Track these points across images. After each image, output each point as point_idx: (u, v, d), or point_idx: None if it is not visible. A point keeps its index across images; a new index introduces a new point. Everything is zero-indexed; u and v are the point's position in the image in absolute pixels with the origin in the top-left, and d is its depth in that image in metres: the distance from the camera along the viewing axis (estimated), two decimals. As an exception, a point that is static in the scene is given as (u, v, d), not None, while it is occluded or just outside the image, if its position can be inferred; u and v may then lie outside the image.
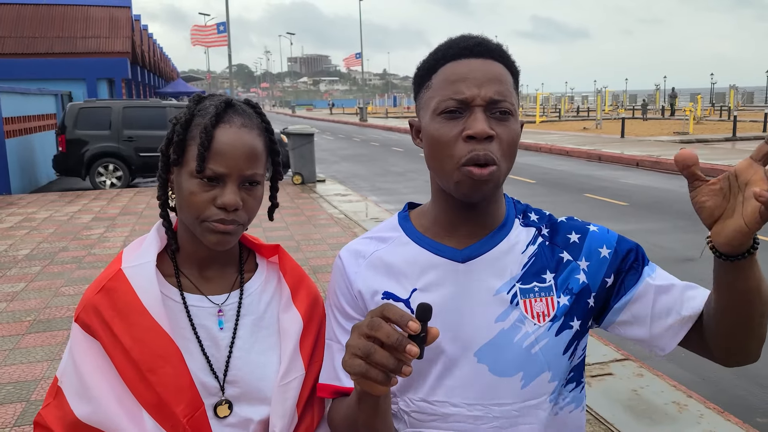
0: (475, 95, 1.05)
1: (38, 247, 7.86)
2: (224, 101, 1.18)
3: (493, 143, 1.05)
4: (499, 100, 1.06)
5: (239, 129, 1.15)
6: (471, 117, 1.05)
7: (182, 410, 1.11)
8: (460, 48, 1.10)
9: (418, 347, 0.85)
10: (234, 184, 1.14)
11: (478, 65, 1.07)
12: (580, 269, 1.15)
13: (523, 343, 1.11)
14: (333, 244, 7.81)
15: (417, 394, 1.13)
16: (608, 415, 3.57)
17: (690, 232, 8.56)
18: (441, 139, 1.07)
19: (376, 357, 0.86)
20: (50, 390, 1.20)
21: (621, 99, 58.55)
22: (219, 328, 1.20)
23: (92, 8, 23.86)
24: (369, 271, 1.17)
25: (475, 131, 1.03)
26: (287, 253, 1.32)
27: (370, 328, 0.87)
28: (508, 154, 1.08)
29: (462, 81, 1.06)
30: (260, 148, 1.18)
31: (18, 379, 4.15)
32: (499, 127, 1.06)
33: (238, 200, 1.13)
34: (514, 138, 1.08)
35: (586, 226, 1.19)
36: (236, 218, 1.14)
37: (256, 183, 1.17)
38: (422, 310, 0.87)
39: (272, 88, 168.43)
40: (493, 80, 1.06)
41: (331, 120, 53.27)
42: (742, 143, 21.04)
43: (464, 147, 1.04)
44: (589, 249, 1.16)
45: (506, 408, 1.11)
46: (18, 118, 13.44)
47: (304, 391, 1.21)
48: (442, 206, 1.16)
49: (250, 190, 1.16)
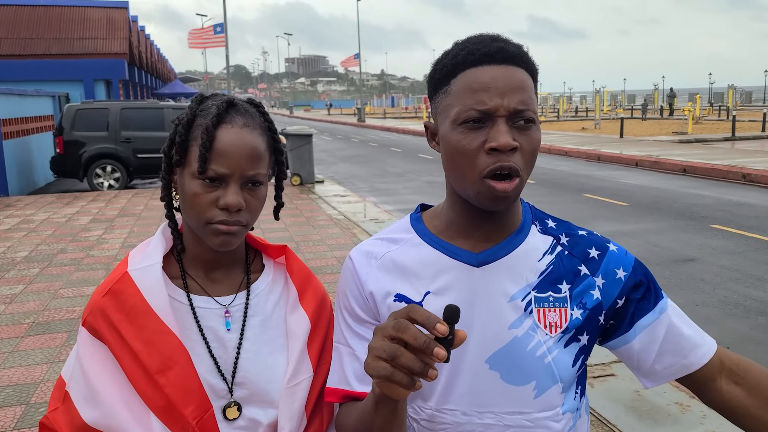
0: (498, 106, 1.01)
1: (36, 249, 7.83)
2: (226, 101, 1.17)
3: (516, 154, 1.02)
4: (523, 110, 1.03)
5: (241, 129, 1.14)
6: (494, 128, 1.02)
7: (191, 412, 1.10)
8: (481, 53, 1.05)
9: (445, 350, 0.82)
10: (236, 184, 1.12)
11: (500, 73, 1.03)
12: (596, 286, 1.13)
13: (536, 352, 1.09)
14: (332, 245, 7.79)
15: (427, 402, 1.11)
16: (611, 416, 3.55)
17: (689, 232, 8.56)
18: (462, 150, 1.03)
19: (402, 360, 0.83)
20: (56, 393, 1.19)
21: (619, 99, 58.63)
22: (226, 329, 1.18)
23: (89, 9, 23.83)
24: (381, 272, 1.15)
25: (499, 144, 1.00)
26: (294, 254, 1.30)
27: (396, 329, 0.84)
28: (531, 164, 1.06)
29: (484, 90, 1.02)
30: (263, 148, 1.16)
31: (17, 382, 4.13)
32: (522, 137, 1.03)
33: (241, 201, 1.12)
34: (536, 146, 1.06)
35: (606, 244, 1.17)
36: (239, 219, 1.13)
37: (259, 183, 1.16)
38: (450, 313, 0.84)
39: (270, 89, 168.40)
40: (516, 89, 1.03)
41: (329, 121, 53.26)
42: (741, 143, 21.06)
43: (487, 159, 1.02)
44: (607, 267, 1.14)
45: (518, 417, 1.09)
46: (15, 120, 13.41)
47: (312, 393, 1.20)
48: (458, 210, 1.13)
49: (252, 191, 1.15)
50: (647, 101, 39.81)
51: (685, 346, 1.14)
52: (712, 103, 46.57)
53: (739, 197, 11.23)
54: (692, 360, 1.14)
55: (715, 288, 6.13)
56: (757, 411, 1.12)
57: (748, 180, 12.85)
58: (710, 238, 8.16)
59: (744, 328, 5.21)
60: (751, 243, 7.81)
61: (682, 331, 1.15)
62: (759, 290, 6.06)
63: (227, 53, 27.81)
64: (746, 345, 4.87)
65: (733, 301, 5.78)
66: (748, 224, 8.84)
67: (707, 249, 7.62)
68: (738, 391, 1.14)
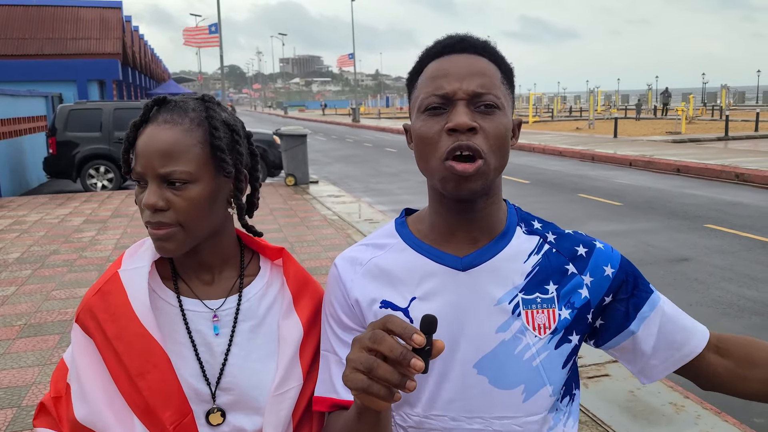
0: (456, 89, 1.03)
1: (29, 251, 7.78)
2: (156, 100, 1.15)
3: (478, 136, 1.02)
4: (483, 93, 1.03)
5: (159, 126, 1.10)
6: (453, 111, 1.03)
7: (169, 417, 1.09)
8: (443, 46, 1.09)
9: (422, 361, 0.80)
10: (153, 183, 1.09)
11: (460, 60, 1.06)
12: (584, 284, 1.12)
13: (524, 355, 1.08)
14: (327, 246, 7.78)
15: (414, 408, 1.09)
16: (605, 417, 3.55)
17: (683, 232, 8.58)
18: (425, 136, 1.04)
19: (378, 372, 0.82)
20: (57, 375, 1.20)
21: (613, 99, 58.77)
22: (214, 333, 1.16)
23: (82, 9, 23.73)
24: (366, 278, 1.13)
25: (456, 123, 1.01)
26: (292, 257, 1.27)
27: (372, 341, 0.83)
28: (496, 148, 1.04)
29: (443, 77, 1.04)
30: (186, 143, 1.10)
31: (9, 385, 4.09)
32: (485, 120, 1.03)
33: (157, 200, 1.08)
34: (502, 131, 1.04)
35: (593, 242, 1.17)
36: (161, 219, 1.09)
37: (182, 182, 1.09)
38: (427, 323, 0.82)
39: (264, 89, 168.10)
40: (476, 74, 1.04)
41: (324, 121, 53.21)
42: (734, 142, 21.14)
43: (447, 140, 1.02)
44: (595, 265, 1.14)
45: (506, 422, 1.07)
46: (8, 120, 13.34)
47: (301, 402, 1.17)
48: (438, 210, 1.12)
49: (177, 190, 1.09)
50: (641, 101, 39.90)
51: (678, 339, 1.15)
52: (706, 103, 46.73)
53: (732, 197, 11.26)
54: (687, 351, 1.15)
55: (708, 287, 6.14)
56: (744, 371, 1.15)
57: (741, 179, 12.89)
58: (704, 238, 8.18)
59: (737, 327, 5.22)
60: (745, 242, 7.83)
61: (675, 323, 1.15)
62: (752, 290, 6.08)
63: (221, 53, 27.75)
64: (740, 344, 4.89)
65: (726, 301, 5.79)
66: (742, 224, 8.86)
67: (701, 248, 7.64)
68: (724, 361, 1.16)
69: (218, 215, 1.17)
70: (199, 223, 1.12)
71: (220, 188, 1.15)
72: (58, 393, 1.19)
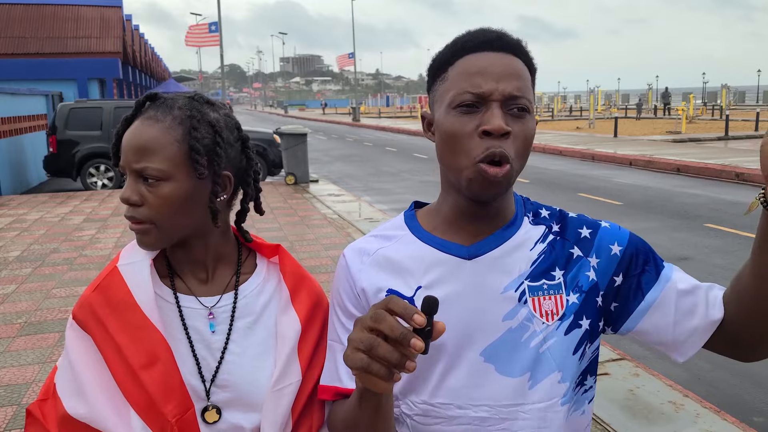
0: (493, 89, 1.01)
1: (29, 249, 7.79)
2: (146, 96, 1.17)
3: (508, 141, 1.01)
4: (518, 96, 1.02)
5: (143, 122, 1.12)
6: (488, 112, 1.01)
7: (171, 410, 1.09)
8: (479, 41, 1.06)
9: (423, 342, 0.81)
10: (131, 178, 1.11)
11: (498, 59, 1.04)
12: (590, 266, 1.11)
13: (531, 343, 1.07)
14: (327, 245, 7.78)
15: (420, 396, 1.10)
16: (605, 415, 3.55)
17: (683, 231, 8.58)
18: (456, 134, 1.03)
19: (379, 351, 0.82)
20: (49, 381, 1.19)
21: (613, 98, 58.75)
22: (210, 331, 1.17)
23: (83, 8, 23.72)
24: (373, 268, 1.14)
25: (492, 127, 1.00)
26: (288, 254, 1.28)
27: (374, 320, 0.83)
28: (523, 153, 1.04)
29: (480, 74, 1.03)
30: (161, 141, 1.09)
31: (9, 383, 4.10)
32: (516, 124, 1.02)
33: (131, 195, 1.10)
34: (530, 136, 1.05)
35: (598, 222, 1.16)
36: (134, 215, 1.11)
37: (155, 179, 1.09)
38: (428, 304, 0.83)
39: (264, 88, 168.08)
40: (513, 75, 1.03)
41: (324, 120, 53.19)
42: (734, 142, 21.13)
43: (480, 143, 1.01)
44: (600, 245, 1.13)
45: (514, 409, 1.07)
46: (8, 119, 13.34)
47: (300, 398, 1.17)
48: (451, 203, 1.12)
49: (151, 186, 1.10)
50: (641, 101, 39.88)
51: (699, 309, 1.07)
52: (706, 102, 46.71)
53: (732, 196, 11.27)
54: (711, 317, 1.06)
55: (708, 287, 6.14)
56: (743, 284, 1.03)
57: (741, 179, 12.89)
58: (704, 237, 8.19)
59: (737, 326, 5.22)
60: (745, 242, 7.85)
61: (692, 294, 1.08)
62: (752, 289, 6.07)
63: (221, 52, 27.72)
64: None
65: (726, 300, 5.79)
66: (742, 223, 8.86)
67: (701, 248, 7.64)
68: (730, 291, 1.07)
69: (198, 215, 1.15)
70: (173, 222, 1.12)
71: (198, 189, 1.13)
72: (45, 396, 1.18)
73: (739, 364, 4.51)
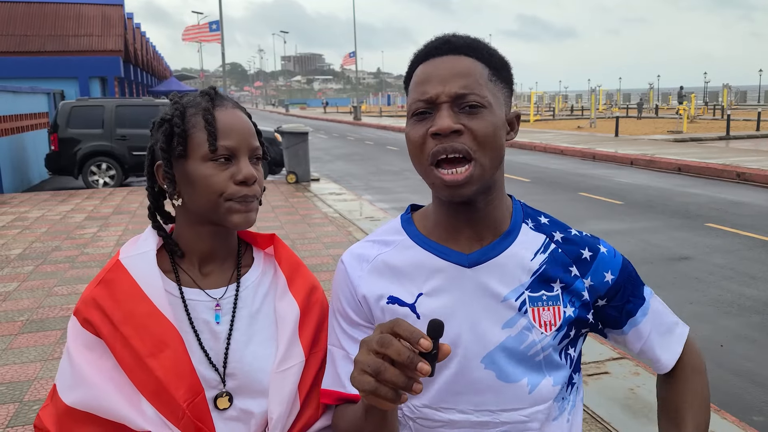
0: (439, 92, 1.03)
1: (31, 247, 7.80)
2: (211, 88, 1.23)
3: (464, 137, 1.02)
4: (465, 94, 1.03)
5: (234, 109, 1.21)
6: (437, 115, 1.04)
7: (182, 395, 1.10)
8: (428, 49, 1.09)
9: (429, 365, 0.82)
10: (245, 158, 1.18)
11: (443, 63, 1.06)
12: (585, 286, 1.14)
13: (529, 351, 1.10)
14: (328, 243, 7.79)
15: (422, 401, 1.12)
16: (605, 414, 3.56)
17: (684, 231, 8.59)
18: (412, 141, 1.07)
19: (386, 375, 0.84)
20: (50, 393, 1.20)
21: (615, 98, 58.70)
22: (216, 322, 1.19)
23: (84, 6, 23.71)
24: (373, 275, 1.15)
25: (438, 127, 1.02)
26: (282, 242, 1.33)
27: (380, 344, 0.85)
28: (486, 146, 1.03)
29: (427, 81, 1.05)
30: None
31: (11, 380, 4.11)
32: (471, 120, 1.03)
33: (254, 172, 1.17)
34: (490, 129, 1.03)
35: (597, 245, 1.18)
36: (256, 193, 1.18)
37: (260, 158, 1.22)
38: (434, 327, 0.84)
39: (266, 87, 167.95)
40: (458, 75, 1.04)
41: (325, 119, 53.19)
42: (735, 142, 21.13)
43: (431, 144, 1.03)
44: (596, 269, 1.16)
45: (513, 413, 1.10)
46: (10, 117, 13.35)
47: (306, 379, 1.20)
48: (441, 209, 1.14)
49: (256, 165, 1.20)
50: (643, 100, 39.84)
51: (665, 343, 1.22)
52: (707, 102, 46.67)
53: (733, 196, 11.26)
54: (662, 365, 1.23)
55: (709, 286, 6.15)
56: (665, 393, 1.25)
57: (742, 179, 12.89)
58: (704, 237, 8.19)
59: (738, 326, 5.23)
60: (746, 241, 7.83)
61: (660, 337, 1.22)
62: (753, 288, 6.08)
63: (223, 50, 27.72)
64: (740, 343, 4.89)
65: (727, 300, 5.80)
66: (742, 223, 8.86)
67: (701, 247, 7.65)
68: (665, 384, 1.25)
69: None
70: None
71: None
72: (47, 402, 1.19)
73: (739, 364, 4.51)
